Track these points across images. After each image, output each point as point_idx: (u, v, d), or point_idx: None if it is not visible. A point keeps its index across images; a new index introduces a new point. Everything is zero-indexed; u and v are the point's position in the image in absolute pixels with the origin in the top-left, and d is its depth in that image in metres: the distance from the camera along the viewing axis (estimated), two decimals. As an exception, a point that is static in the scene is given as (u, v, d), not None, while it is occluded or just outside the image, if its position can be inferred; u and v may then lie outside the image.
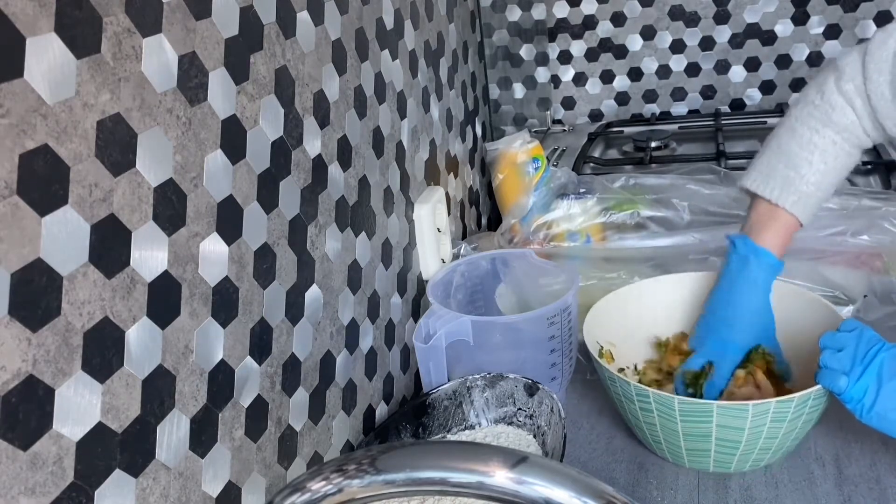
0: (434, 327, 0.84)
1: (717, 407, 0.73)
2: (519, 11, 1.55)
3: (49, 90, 0.42)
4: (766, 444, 0.76)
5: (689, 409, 0.74)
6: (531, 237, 1.11)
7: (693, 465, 0.81)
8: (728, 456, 0.77)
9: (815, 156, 0.80)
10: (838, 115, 0.80)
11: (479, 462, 0.37)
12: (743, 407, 0.72)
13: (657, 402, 0.76)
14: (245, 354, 0.61)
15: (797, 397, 0.71)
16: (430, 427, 0.83)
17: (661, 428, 0.78)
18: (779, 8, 1.53)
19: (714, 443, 0.76)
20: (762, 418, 0.73)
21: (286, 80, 0.68)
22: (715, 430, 0.75)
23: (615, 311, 0.93)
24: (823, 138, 0.80)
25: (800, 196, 0.81)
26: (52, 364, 0.42)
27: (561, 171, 1.16)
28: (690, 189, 1.10)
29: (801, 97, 0.84)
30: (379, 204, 0.88)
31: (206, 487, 0.56)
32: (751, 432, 0.74)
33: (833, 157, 0.81)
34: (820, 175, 0.81)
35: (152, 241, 0.51)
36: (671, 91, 1.65)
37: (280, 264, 0.67)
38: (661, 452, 0.83)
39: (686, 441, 0.78)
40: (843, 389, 0.69)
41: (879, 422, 0.69)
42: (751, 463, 0.79)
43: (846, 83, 0.79)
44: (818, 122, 0.81)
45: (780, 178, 0.82)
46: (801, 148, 0.81)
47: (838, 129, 0.80)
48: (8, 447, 0.40)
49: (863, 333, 0.72)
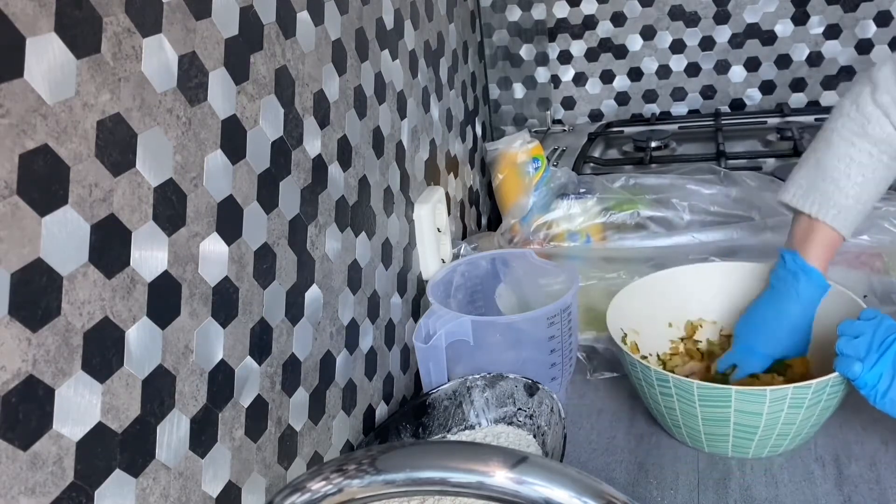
0: (434, 327, 0.84)
1: (735, 391, 0.74)
2: (519, 11, 1.55)
3: (49, 90, 0.42)
4: (783, 430, 0.77)
5: (707, 394, 0.76)
6: (531, 237, 1.11)
7: (712, 450, 0.82)
8: (746, 441, 0.79)
9: (852, 168, 0.80)
10: (873, 128, 0.79)
11: (479, 462, 0.37)
12: (760, 392, 0.73)
13: (677, 386, 0.77)
14: (245, 354, 0.61)
15: (815, 384, 0.72)
16: (430, 427, 0.83)
17: (680, 412, 0.80)
18: (779, 8, 1.53)
19: (732, 428, 0.77)
20: (780, 404, 0.73)
21: (286, 80, 0.68)
22: (733, 415, 0.76)
23: (638, 300, 0.94)
24: (860, 151, 0.80)
25: (840, 210, 0.81)
26: (52, 364, 0.42)
27: (561, 171, 1.16)
28: (690, 189, 1.10)
29: (837, 109, 0.84)
30: (379, 204, 0.88)
31: (206, 487, 0.56)
32: (768, 418, 0.75)
33: (871, 169, 0.80)
34: (859, 188, 0.81)
35: (152, 241, 0.51)
36: (671, 91, 1.65)
37: (280, 264, 0.67)
38: (680, 437, 0.84)
39: (705, 426, 0.79)
40: (858, 375, 0.70)
41: (893, 407, 0.70)
42: (769, 449, 0.80)
43: (882, 95, 0.79)
44: (854, 135, 0.80)
45: (820, 192, 0.82)
46: (839, 161, 0.81)
47: (874, 140, 0.80)
48: (8, 447, 0.40)
49: (882, 322, 0.72)
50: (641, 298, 0.94)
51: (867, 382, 0.70)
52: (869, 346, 0.71)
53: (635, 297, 0.93)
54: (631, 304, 0.92)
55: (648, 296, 0.95)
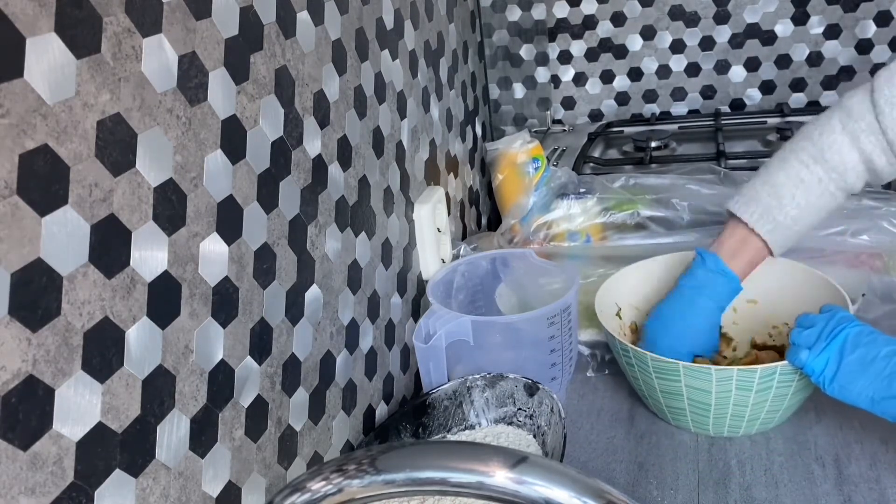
0: (434, 327, 0.84)
1: (683, 366, 0.78)
2: (519, 11, 1.55)
3: (49, 90, 0.42)
4: (737, 412, 0.81)
5: (660, 367, 0.81)
6: (531, 237, 1.11)
7: (677, 424, 0.87)
8: (703, 418, 0.83)
9: (798, 190, 0.83)
10: (832, 155, 0.81)
11: (479, 462, 0.37)
12: (706, 370, 0.77)
13: (636, 357, 0.83)
14: (245, 354, 0.61)
15: (760, 369, 0.76)
16: (430, 427, 0.83)
17: (642, 383, 0.86)
18: (779, 8, 1.53)
19: (687, 402, 0.82)
20: (727, 384, 0.78)
21: (286, 80, 0.68)
22: (685, 389, 0.81)
23: (633, 280, 0.98)
24: (811, 174, 0.82)
25: (776, 225, 0.84)
26: (52, 364, 0.42)
27: (561, 171, 1.16)
28: (690, 189, 1.10)
29: (801, 131, 0.86)
30: (379, 204, 0.88)
31: (206, 487, 0.56)
32: (718, 396, 0.79)
33: (816, 195, 0.83)
34: (798, 210, 0.83)
35: (152, 241, 0.51)
36: (671, 91, 1.65)
37: (280, 264, 0.67)
38: (652, 408, 0.90)
39: (664, 398, 0.84)
40: (804, 363, 0.74)
41: (841, 392, 0.73)
42: (728, 428, 0.84)
43: (855, 122, 0.80)
44: (810, 158, 0.82)
45: (762, 205, 0.84)
46: (788, 179, 0.83)
47: (828, 168, 0.82)
48: (8, 447, 0.40)
49: (836, 314, 0.75)
50: (637, 278, 0.99)
51: (814, 369, 0.73)
52: (819, 335, 0.74)
53: (630, 277, 0.98)
54: (626, 284, 0.97)
55: (647, 277, 0.99)
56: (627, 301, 0.97)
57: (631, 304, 0.97)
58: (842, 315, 0.75)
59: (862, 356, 0.71)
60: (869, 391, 0.70)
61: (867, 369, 0.71)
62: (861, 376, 0.71)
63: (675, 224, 1.08)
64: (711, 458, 0.82)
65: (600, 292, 0.93)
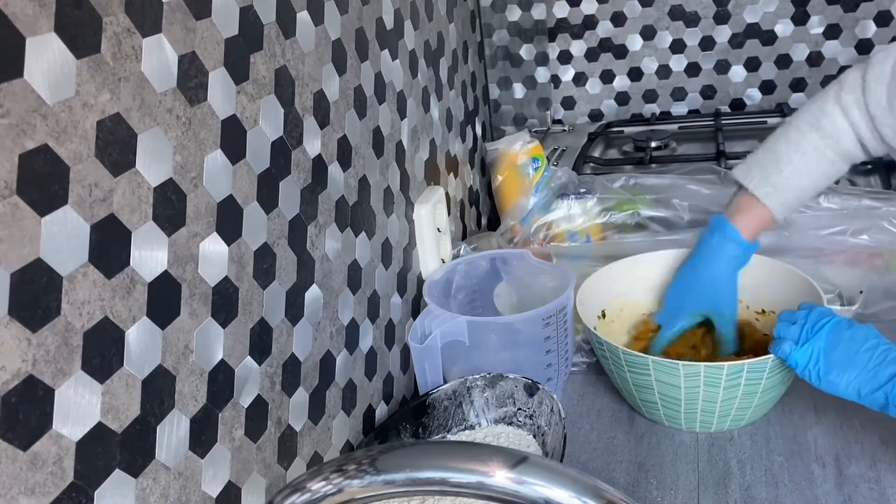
0: (430, 327, 0.84)
1: (652, 360, 0.80)
2: (519, 11, 1.55)
3: (49, 90, 0.42)
4: (707, 407, 0.82)
5: (632, 361, 0.82)
6: (531, 237, 1.11)
7: (651, 417, 0.89)
8: (674, 412, 0.85)
9: (796, 155, 0.87)
10: (827, 121, 0.85)
11: (479, 462, 0.37)
12: (673, 365, 0.79)
13: (610, 351, 0.84)
14: (245, 354, 0.61)
15: (727, 366, 0.77)
16: (430, 427, 0.83)
17: (617, 377, 0.87)
18: (779, 8, 1.53)
19: (658, 396, 0.83)
20: (695, 379, 0.79)
21: (286, 80, 0.68)
22: (655, 384, 0.82)
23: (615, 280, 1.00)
24: (808, 141, 0.87)
25: (774, 188, 0.88)
26: (51, 364, 0.42)
27: (561, 171, 1.16)
28: (690, 189, 1.10)
29: (804, 104, 0.90)
30: (379, 204, 0.88)
31: (205, 487, 0.56)
32: (687, 391, 0.81)
33: (814, 159, 0.87)
34: (797, 175, 0.87)
35: (152, 241, 0.51)
36: (671, 91, 1.65)
37: (280, 264, 0.67)
38: (628, 401, 0.91)
39: (637, 392, 0.86)
40: (787, 354, 0.76)
41: (829, 387, 0.74)
42: (699, 424, 0.85)
43: (846, 94, 0.84)
44: (807, 125, 0.87)
45: (762, 170, 0.89)
46: (787, 146, 0.88)
47: (824, 134, 0.86)
48: (8, 447, 0.40)
49: (814, 309, 0.78)
50: (618, 278, 1.00)
51: (798, 362, 0.75)
52: (801, 328, 0.76)
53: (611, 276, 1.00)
54: (609, 280, 0.99)
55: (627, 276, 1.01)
56: (607, 298, 0.99)
57: (613, 300, 0.99)
58: (823, 310, 0.78)
59: (846, 350, 0.73)
60: (855, 384, 0.72)
61: (852, 362, 0.73)
62: (847, 370, 0.73)
63: (675, 224, 1.08)
64: (711, 459, 0.82)
65: (582, 288, 0.94)
